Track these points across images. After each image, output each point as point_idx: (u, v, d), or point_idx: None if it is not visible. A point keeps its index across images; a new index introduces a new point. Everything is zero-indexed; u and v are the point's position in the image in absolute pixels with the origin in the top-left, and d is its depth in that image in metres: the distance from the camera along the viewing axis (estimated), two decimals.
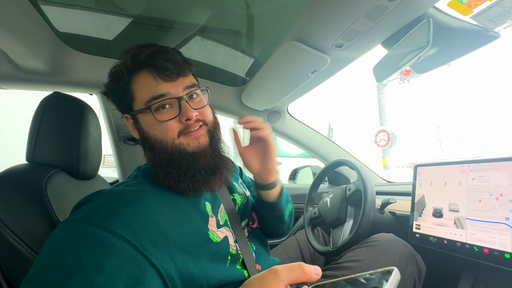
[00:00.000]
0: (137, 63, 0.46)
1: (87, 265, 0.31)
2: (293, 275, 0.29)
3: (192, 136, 0.47)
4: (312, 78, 0.82)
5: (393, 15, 0.53)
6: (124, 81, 0.47)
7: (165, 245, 0.39)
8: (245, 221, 0.59)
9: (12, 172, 0.53)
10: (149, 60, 0.46)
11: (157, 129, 0.46)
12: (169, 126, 0.46)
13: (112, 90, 0.50)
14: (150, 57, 0.46)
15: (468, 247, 0.60)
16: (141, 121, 0.48)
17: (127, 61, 0.47)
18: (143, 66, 0.46)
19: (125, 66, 0.47)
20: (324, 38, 0.63)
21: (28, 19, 0.67)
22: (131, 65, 0.47)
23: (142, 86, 0.46)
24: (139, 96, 0.47)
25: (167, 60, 0.46)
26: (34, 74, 0.83)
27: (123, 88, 0.48)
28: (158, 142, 0.46)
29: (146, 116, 0.47)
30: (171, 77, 0.46)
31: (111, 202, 0.40)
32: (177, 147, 0.46)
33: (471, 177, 0.64)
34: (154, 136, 0.47)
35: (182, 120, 0.46)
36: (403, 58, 0.60)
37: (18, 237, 0.46)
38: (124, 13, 0.82)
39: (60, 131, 0.62)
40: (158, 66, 0.45)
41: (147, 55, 0.46)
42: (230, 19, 0.85)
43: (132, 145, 1.05)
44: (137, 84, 0.47)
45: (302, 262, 0.30)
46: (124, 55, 0.47)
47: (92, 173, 0.70)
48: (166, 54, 0.46)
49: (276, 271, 0.29)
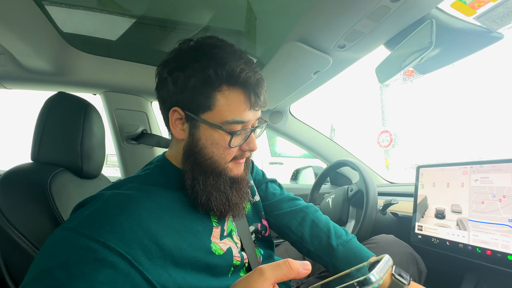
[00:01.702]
0: (238, 80, 0.42)
1: (75, 280, 0.30)
2: (279, 272, 0.28)
3: (237, 163, 0.48)
4: (315, 78, 0.82)
5: (396, 16, 0.53)
6: (211, 86, 0.42)
7: (161, 259, 0.37)
8: (252, 227, 0.58)
9: (17, 171, 0.54)
10: (252, 84, 0.43)
11: (220, 150, 0.45)
12: (232, 151, 0.46)
13: (186, 81, 0.43)
14: (254, 82, 0.43)
15: (471, 248, 0.60)
16: (203, 131, 0.44)
17: (230, 71, 0.42)
18: (242, 85, 0.43)
19: (221, 73, 0.42)
20: (327, 39, 0.63)
21: (33, 20, 0.67)
22: (228, 77, 0.42)
23: (230, 103, 0.43)
24: (220, 111, 0.43)
25: (263, 89, 0.45)
26: (38, 74, 0.84)
27: (204, 91, 0.43)
28: (210, 161, 0.45)
29: (214, 132, 0.44)
30: (258, 107, 0.46)
31: (106, 209, 0.38)
32: (224, 170, 0.46)
33: (473, 179, 0.64)
34: (211, 154, 0.45)
35: (244, 148, 0.46)
36: (406, 58, 0.60)
37: (23, 236, 0.47)
38: (127, 13, 0.82)
39: (64, 131, 0.62)
40: (256, 94, 0.44)
41: (256, 80, 0.44)
42: (232, 19, 0.86)
43: (135, 144, 1.05)
44: (225, 98, 0.43)
45: (289, 259, 0.29)
46: (226, 62, 0.42)
47: (96, 172, 0.71)
48: (263, 83, 0.46)
49: (261, 270, 0.28)
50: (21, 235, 0.46)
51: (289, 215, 0.63)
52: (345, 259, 0.55)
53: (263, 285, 0.28)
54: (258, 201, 0.63)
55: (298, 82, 0.87)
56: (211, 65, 0.42)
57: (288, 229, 0.63)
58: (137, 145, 1.06)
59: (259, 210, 0.62)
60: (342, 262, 0.55)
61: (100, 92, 0.98)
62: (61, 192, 0.55)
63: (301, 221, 0.62)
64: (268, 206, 0.65)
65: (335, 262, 0.56)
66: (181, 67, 0.43)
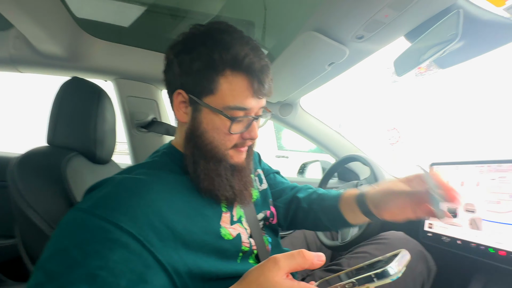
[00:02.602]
0: (241, 64, 0.42)
1: (90, 259, 0.31)
2: (294, 262, 0.28)
3: (238, 151, 0.47)
4: (329, 70, 0.80)
5: (420, 5, 0.50)
6: (215, 70, 0.42)
7: (172, 241, 0.38)
8: (261, 215, 0.58)
9: (34, 154, 0.55)
10: (256, 70, 0.42)
11: (220, 135, 0.44)
12: (233, 138, 0.45)
13: (191, 64, 0.43)
14: (259, 68, 0.43)
15: (483, 248, 0.59)
16: (205, 116, 0.44)
17: (234, 55, 0.41)
18: (246, 71, 0.42)
19: (225, 57, 0.41)
20: (345, 29, 0.61)
21: (48, 5, 0.67)
22: (233, 61, 0.42)
23: (233, 89, 0.42)
24: (222, 96, 0.43)
25: (267, 77, 0.44)
26: (52, 59, 0.85)
27: (208, 75, 0.42)
28: (211, 146, 0.45)
29: (216, 117, 0.44)
30: (262, 95, 0.45)
31: (118, 192, 0.38)
32: (224, 156, 0.46)
33: (490, 178, 0.62)
34: (211, 138, 0.45)
35: (245, 136, 0.46)
36: (427, 51, 0.57)
37: (40, 216, 0.48)
38: (139, 0, 0.82)
39: (78, 116, 0.63)
40: (260, 81, 0.43)
41: (261, 66, 0.43)
42: (245, 9, 0.84)
43: (145, 132, 1.06)
44: (228, 83, 0.42)
45: (303, 249, 0.29)
46: (231, 46, 0.42)
47: (107, 158, 0.72)
48: (268, 71, 0.45)
49: (275, 259, 0.28)
50: (38, 215, 0.48)
51: (298, 188, 0.68)
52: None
53: (277, 274, 0.28)
54: (266, 189, 0.64)
55: (311, 74, 0.85)
56: (217, 49, 0.42)
57: (297, 200, 0.64)
58: (147, 133, 1.07)
59: (267, 197, 0.63)
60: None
61: (112, 78, 0.99)
62: (75, 175, 0.56)
63: (311, 193, 0.65)
64: (278, 192, 0.68)
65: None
66: (188, 50, 0.43)
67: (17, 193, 0.49)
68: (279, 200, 0.67)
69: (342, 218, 0.56)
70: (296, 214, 0.65)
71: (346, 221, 0.56)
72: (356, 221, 0.56)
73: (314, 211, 0.61)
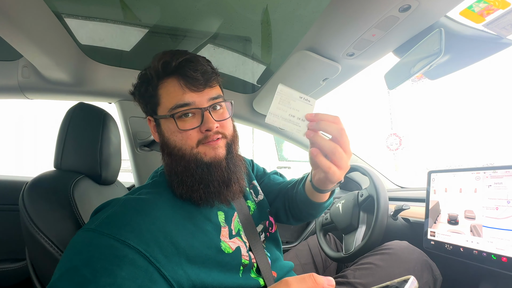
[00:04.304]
0: (167, 70, 0.47)
1: (100, 276, 0.32)
2: (304, 285, 0.28)
3: (210, 146, 0.47)
4: (323, 85, 0.83)
5: (405, 25, 0.54)
6: (152, 85, 0.48)
7: (176, 257, 0.39)
8: (260, 226, 0.59)
9: (42, 178, 0.57)
10: (179, 68, 0.46)
11: (178, 136, 0.47)
12: (189, 135, 0.47)
13: (140, 91, 0.51)
14: (181, 65, 0.46)
15: (486, 255, 0.59)
16: (163, 126, 0.49)
17: (158, 67, 0.47)
18: (173, 73, 0.47)
19: (155, 71, 0.48)
20: (336, 48, 0.64)
21: (55, 34, 0.71)
22: (161, 71, 0.47)
23: (169, 93, 0.47)
24: (165, 102, 0.48)
25: (196, 70, 0.46)
26: (59, 85, 0.89)
27: (150, 91, 0.49)
28: (177, 149, 0.47)
29: (168, 123, 0.48)
30: (197, 87, 0.47)
31: (124, 211, 0.40)
32: (194, 155, 0.47)
33: (487, 184, 0.63)
34: (174, 142, 0.48)
35: (202, 130, 0.47)
36: (415, 65, 0.60)
37: (49, 239, 0.49)
38: (140, 23, 0.86)
39: (84, 140, 0.66)
40: (186, 76, 0.46)
41: (178, 63, 0.47)
42: (241, 29, 0.88)
43: (148, 151, 1.09)
44: (164, 90, 0.48)
45: (314, 273, 0.29)
46: (156, 60, 0.48)
47: (113, 179, 0.74)
48: (196, 64, 0.47)
49: (287, 282, 0.29)
50: (47, 239, 0.49)
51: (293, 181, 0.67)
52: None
53: None
54: (263, 199, 0.65)
55: (307, 88, 0.88)
56: (149, 68, 0.49)
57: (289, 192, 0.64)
58: (149, 151, 1.09)
59: (265, 207, 0.64)
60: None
61: (115, 100, 1.02)
62: (83, 198, 0.58)
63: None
64: (276, 192, 0.69)
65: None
66: (137, 84, 0.52)
67: (27, 217, 0.50)
68: (277, 200, 0.68)
69: (305, 197, 0.57)
70: (290, 206, 0.65)
71: (308, 199, 0.57)
72: (313, 197, 0.56)
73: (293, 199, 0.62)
